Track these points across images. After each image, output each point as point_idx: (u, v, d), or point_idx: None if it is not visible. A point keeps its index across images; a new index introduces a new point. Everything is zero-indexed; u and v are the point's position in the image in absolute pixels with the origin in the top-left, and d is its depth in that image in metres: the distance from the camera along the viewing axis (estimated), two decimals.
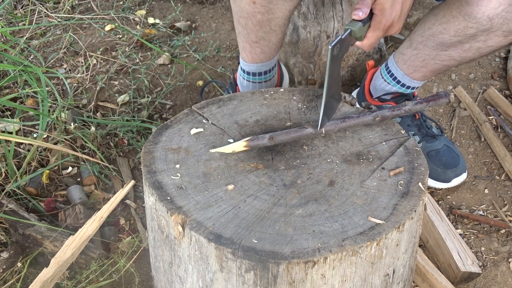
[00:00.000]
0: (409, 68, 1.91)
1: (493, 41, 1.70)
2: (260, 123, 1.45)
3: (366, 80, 2.06)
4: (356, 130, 1.44)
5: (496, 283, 1.79)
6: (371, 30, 1.46)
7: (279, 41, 1.86)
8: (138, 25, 2.64)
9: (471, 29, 1.67)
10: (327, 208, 1.24)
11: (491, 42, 1.70)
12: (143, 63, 2.44)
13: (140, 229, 1.89)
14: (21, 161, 2.04)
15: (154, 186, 1.28)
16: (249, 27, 1.79)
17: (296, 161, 1.36)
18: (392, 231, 1.20)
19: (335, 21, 2.13)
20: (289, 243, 1.17)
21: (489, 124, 2.19)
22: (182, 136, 1.41)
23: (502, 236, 1.90)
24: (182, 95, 2.34)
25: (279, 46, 1.89)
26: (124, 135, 2.16)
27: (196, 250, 1.21)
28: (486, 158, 2.13)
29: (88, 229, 1.49)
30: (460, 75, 2.38)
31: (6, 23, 2.68)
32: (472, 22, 1.66)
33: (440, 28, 1.73)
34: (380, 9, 1.43)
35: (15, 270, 1.72)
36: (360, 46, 1.48)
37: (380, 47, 2.29)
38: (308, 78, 2.27)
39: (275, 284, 1.17)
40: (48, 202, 1.93)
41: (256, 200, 1.26)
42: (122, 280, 1.74)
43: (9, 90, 2.37)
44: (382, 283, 1.28)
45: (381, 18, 1.44)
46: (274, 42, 1.84)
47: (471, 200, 2.00)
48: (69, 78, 2.41)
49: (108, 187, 2.03)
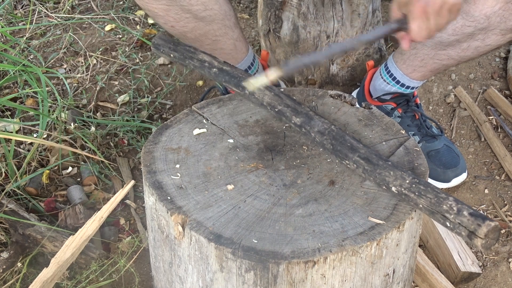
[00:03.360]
0: (408, 68, 1.91)
1: (491, 40, 1.70)
2: (260, 123, 1.45)
3: (366, 80, 2.06)
4: (356, 130, 1.44)
5: (496, 283, 1.79)
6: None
7: (234, 44, 1.79)
8: (138, 25, 2.64)
9: (469, 27, 1.67)
10: (327, 208, 1.24)
11: (489, 40, 1.71)
12: (143, 63, 2.44)
13: (140, 229, 1.89)
14: (21, 161, 2.04)
15: (154, 186, 1.28)
16: (196, 44, 1.76)
17: (296, 161, 1.36)
18: (392, 231, 1.20)
19: (335, 21, 2.12)
20: (289, 243, 1.17)
21: (489, 124, 2.19)
22: (182, 136, 1.41)
23: (502, 236, 1.90)
24: (182, 95, 2.34)
25: (242, 46, 1.82)
26: (124, 135, 2.16)
27: (196, 250, 1.21)
28: (486, 158, 2.13)
29: (88, 229, 1.49)
30: (460, 75, 2.38)
31: (6, 23, 2.68)
32: (470, 21, 1.66)
33: None
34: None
35: (15, 270, 1.72)
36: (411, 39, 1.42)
37: (380, 47, 2.29)
38: (308, 78, 2.27)
39: (275, 284, 1.17)
40: (48, 202, 1.93)
41: (256, 200, 1.26)
42: (122, 280, 1.74)
43: (9, 90, 2.37)
44: (382, 283, 1.28)
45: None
46: (228, 48, 1.79)
47: (471, 200, 2.00)
48: (69, 78, 2.41)
49: (108, 187, 2.03)
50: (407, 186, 1.20)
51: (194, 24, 1.68)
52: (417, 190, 1.19)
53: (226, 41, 1.77)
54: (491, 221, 1.11)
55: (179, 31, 1.69)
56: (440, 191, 1.18)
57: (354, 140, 1.31)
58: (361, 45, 1.46)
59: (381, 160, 1.25)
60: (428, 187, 1.19)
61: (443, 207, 1.15)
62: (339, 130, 1.33)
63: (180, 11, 1.64)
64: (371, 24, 2.20)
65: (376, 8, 2.20)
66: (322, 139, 1.34)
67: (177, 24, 1.68)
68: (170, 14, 1.65)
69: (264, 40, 2.28)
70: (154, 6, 1.64)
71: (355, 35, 2.18)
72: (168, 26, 1.69)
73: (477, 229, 1.10)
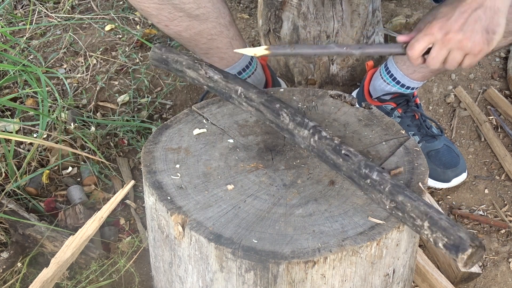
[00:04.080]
0: (408, 68, 1.91)
1: None
2: (260, 123, 1.45)
3: (366, 80, 2.06)
4: (356, 130, 1.44)
5: (496, 283, 1.79)
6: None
7: (230, 42, 1.78)
8: (138, 25, 2.64)
9: None
10: (327, 208, 1.24)
11: None
12: (143, 63, 2.44)
13: (140, 229, 1.89)
14: (21, 161, 2.04)
15: (154, 186, 1.28)
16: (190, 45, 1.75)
17: (296, 161, 1.36)
18: (392, 231, 1.20)
19: (335, 21, 2.12)
20: (289, 243, 1.17)
21: (489, 124, 2.19)
22: (182, 136, 1.41)
23: (502, 236, 1.90)
24: (182, 95, 2.34)
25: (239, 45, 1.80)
26: (124, 135, 2.16)
27: (196, 250, 1.21)
28: (486, 158, 2.13)
29: (88, 229, 1.49)
30: (460, 75, 2.38)
31: (6, 23, 2.68)
32: None
33: None
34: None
35: (15, 270, 1.72)
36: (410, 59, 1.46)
37: None
38: (308, 78, 2.27)
39: (275, 284, 1.17)
40: (48, 202, 1.93)
41: (256, 200, 1.26)
42: (122, 280, 1.74)
43: (9, 90, 2.37)
44: (382, 283, 1.28)
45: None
46: (224, 47, 1.77)
47: (471, 200, 2.00)
48: (69, 78, 2.41)
49: (108, 187, 2.03)
50: (389, 212, 1.21)
51: (188, 23, 1.68)
52: (398, 216, 1.20)
53: (222, 40, 1.76)
54: (465, 249, 1.09)
55: (173, 31, 1.69)
56: (417, 213, 1.16)
57: (334, 154, 1.28)
58: (359, 55, 1.45)
59: (362, 179, 1.24)
60: (405, 212, 1.18)
61: (423, 236, 1.17)
62: (319, 143, 1.31)
63: (173, 9, 1.64)
64: (371, 24, 2.20)
65: (376, 8, 2.20)
66: (312, 155, 1.36)
67: (171, 24, 1.67)
68: (163, 13, 1.65)
69: (264, 40, 2.28)
70: (146, 5, 1.63)
71: (355, 35, 2.18)
72: (162, 25, 1.68)
73: (455, 261, 1.13)
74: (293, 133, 1.35)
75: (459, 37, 1.37)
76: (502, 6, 1.37)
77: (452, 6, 1.39)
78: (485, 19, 1.37)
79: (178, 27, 1.68)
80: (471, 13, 1.36)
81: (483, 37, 1.37)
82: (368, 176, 1.23)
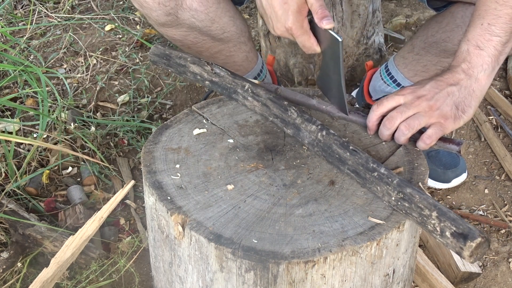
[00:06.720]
0: (409, 72, 1.91)
1: None
2: (260, 123, 1.45)
3: (365, 80, 2.06)
4: (356, 130, 1.44)
5: (496, 283, 1.79)
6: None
7: (246, 56, 1.79)
8: (138, 25, 2.64)
9: None
10: (327, 208, 1.24)
11: None
12: (143, 63, 2.44)
13: (140, 229, 1.89)
14: (21, 161, 2.04)
15: (154, 186, 1.28)
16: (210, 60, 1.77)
17: (296, 161, 1.36)
18: (392, 231, 1.20)
19: (335, 22, 2.12)
20: (289, 243, 1.17)
21: (489, 124, 2.19)
22: (182, 136, 1.41)
23: (502, 236, 1.90)
24: (182, 95, 2.34)
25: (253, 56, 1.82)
26: (124, 135, 2.16)
27: (196, 250, 1.21)
28: (486, 158, 2.13)
29: (88, 229, 1.49)
30: None
31: (6, 23, 2.68)
32: None
33: (443, 36, 1.73)
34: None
35: (15, 270, 1.72)
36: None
37: (380, 47, 2.30)
38: (308, 78, 2.27)
39: (275, 284, 1.17)
40: (48, 202, 1.93)
41: (256, 200, 1.26)
42: (122, 280, 1.74)
43: (9, 90, 2.37)
44: (382, 283, 1.28)
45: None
46: (240, 60, 1.79)
47: (471, 200, 2.01)
48: (69, 78, 2.41)
49: (108, 187, 2.03)
50: (394, 203, 1.22)
51: (211, 44, 1.71)
52: (403, 208, 1.20)
53: (239, 55, 1.79)
54: (474, 238, 1.11)
55: (194, 51, 1.72)
56: (425, 204, 1.17)
57: (342, 148, 1.29)
58: (335, 119, 1.45)
59: (368, 172, 1.25)
60: (412, 203, 1.18)
61: (428, 227, 1.17)
62: (327, 137, 1.32)
63: (199, 35, 1.67)
64: (371, 24, 2.20)
65: (376, 9, 2.20)
66: (314, 151, 1.35)
67: (194, 46, 1.70)
68: (189, 38, 1.68)
69: (264, 40, 2.28)
70: (173, 33, 1.66)
71: (355, 35, 2.18)
72: (185, 47, 1.71)
73: (461, 252, 1.13)
74: (300, 127, 1.35)
75: (429, 103, 1.34)
76: (478, 90, 1.36)
77: (429, 78, 1.39)
78: (458, 96, 1.35)
79: (200, 48, 1.71)
80: (445, 86, 1.35)
81: (452, 111, 1.35)
82: (376, 170, 1.24)
